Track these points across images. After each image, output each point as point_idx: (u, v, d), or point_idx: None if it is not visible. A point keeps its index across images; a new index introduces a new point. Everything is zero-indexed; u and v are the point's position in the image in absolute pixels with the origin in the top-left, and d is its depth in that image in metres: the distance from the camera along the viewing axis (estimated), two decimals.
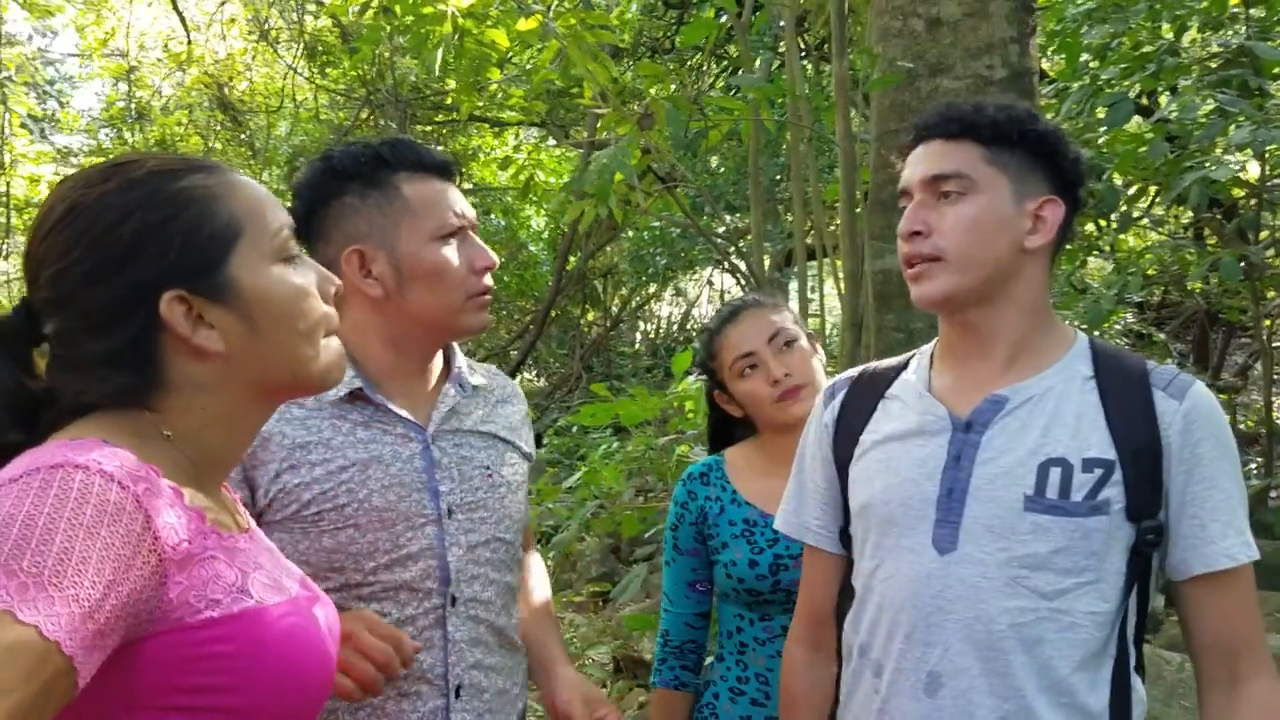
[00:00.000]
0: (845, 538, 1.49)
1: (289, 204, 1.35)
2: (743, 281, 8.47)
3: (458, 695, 1.45)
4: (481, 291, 1.49)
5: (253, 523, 1.10)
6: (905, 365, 1.48)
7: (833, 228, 3.88)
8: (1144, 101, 6.19)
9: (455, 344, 1.61)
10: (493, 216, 12.46)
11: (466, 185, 12.65)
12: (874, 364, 1.54)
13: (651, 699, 2.03)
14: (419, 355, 1.51)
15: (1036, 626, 1.25)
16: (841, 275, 3.51)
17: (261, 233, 1.00)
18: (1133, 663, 1.31)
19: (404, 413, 1.47)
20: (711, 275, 12.21)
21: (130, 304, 0.94)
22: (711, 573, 1.95)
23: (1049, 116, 5.19)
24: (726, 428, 2.07)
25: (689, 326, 11.49)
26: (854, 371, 1.53)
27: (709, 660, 2.03)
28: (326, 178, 1.46)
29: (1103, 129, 4.84)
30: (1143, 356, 1.37)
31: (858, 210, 3.21)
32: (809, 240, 4.80)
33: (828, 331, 4.46)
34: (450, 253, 1.45)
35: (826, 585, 1.51)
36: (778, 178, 6.42)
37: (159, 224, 0.95)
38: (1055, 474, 1.26)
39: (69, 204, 0.96)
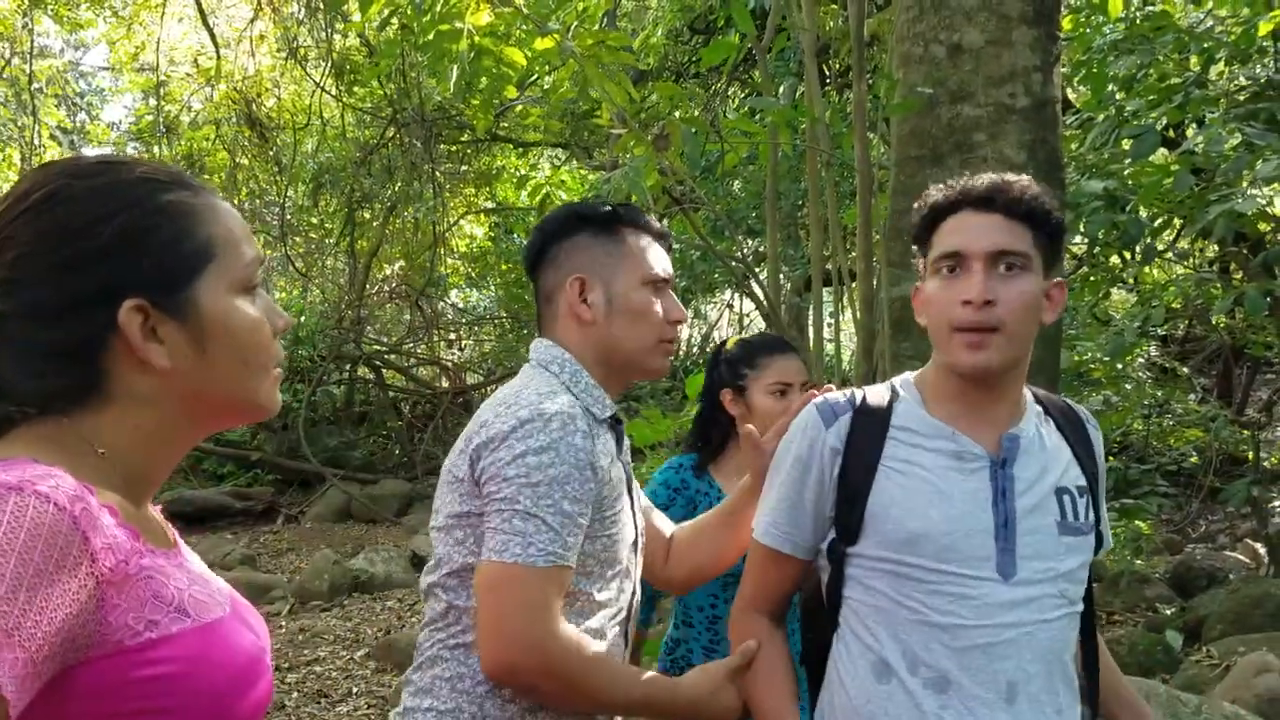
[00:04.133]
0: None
1: (529, 236, 1.67)
2: (763, 305, 8.46)
3: None
4: (670, 339, 1.74)
5: (179, 539, 1.07)
6: (892, 396, 1.59)
7: (853, 254, 3.86)
8: (1170, 134, 6.14)
9: None
10: (515, 235, 12.52)
11: (489, 204, 12.72)
12: (853, 392, 1.63)
13: None
14: (616, 387, 1.73)
15: (1069, 630, 1.52)
16: (858, 301, 3.48)
17: (232, 261, 0.99)
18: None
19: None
20: (731, 298, 12.20)
21: (91, 302, 0.92)
22: None
23: (1073, 147, 5.18)
24: (711, 426, 2.45)
25: (708, 349, 11.46)
26: (841, 397, 1.62)
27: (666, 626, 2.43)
28: (570, 218, 1.73)
29: (1128, 161, 4.81)
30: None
31: (875, 236, 3.17)
32: (828, 265, 4.78)
33: (844, 358, 4.43)
34: (654, 298, 1.70)
35: (794, 581, 1.67)
36: (799, 203, 6.40)
37: (142, 231, 0.94)
38: (1066, 500, 1.53)
39: (49, 190, 0.94)
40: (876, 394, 1.60)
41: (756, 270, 5.23)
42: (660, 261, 1.74)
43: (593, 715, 1.59)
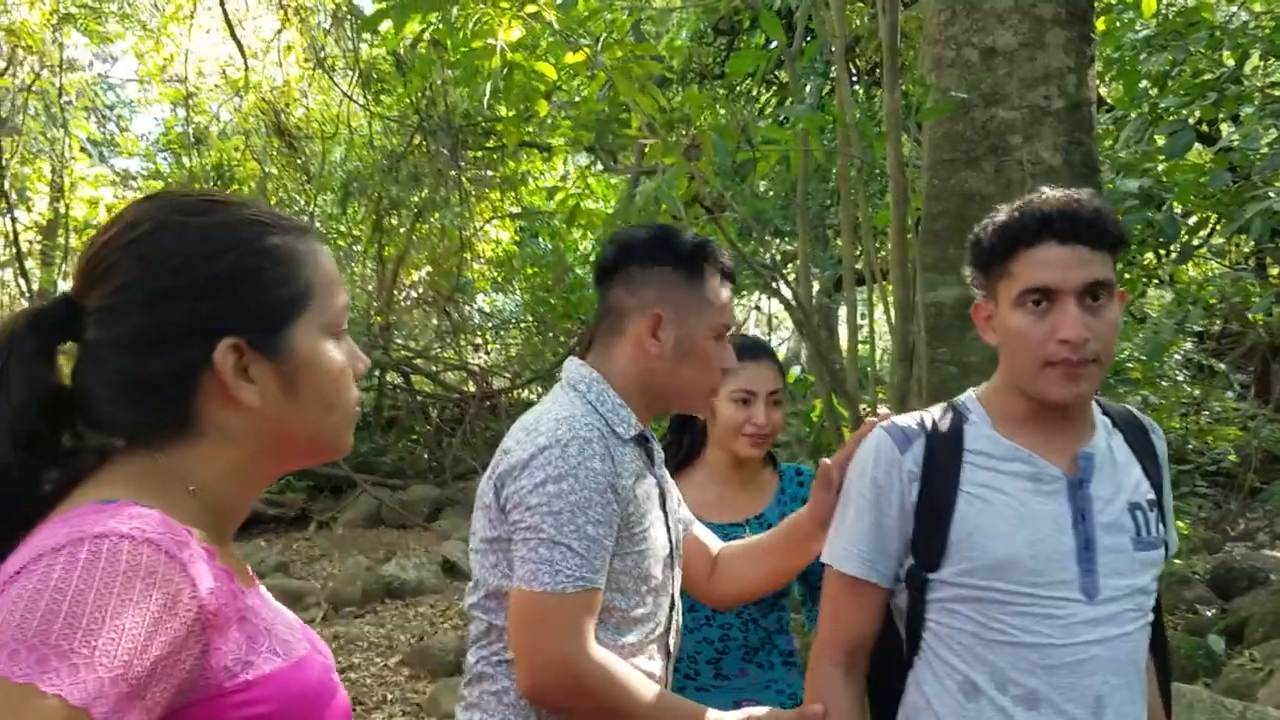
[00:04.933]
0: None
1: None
2: (790, 307, 8.42)
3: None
4: (718, 388, 1.83)
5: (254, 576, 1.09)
6: (958, 418, 1.60)
7: (883, 253, 3.82)
8: (1204, 129, 6.06)
9: None
10: (540, 240, 12.53)
11: (514, 209, 12.74)
12: (920, 416, 1.63)
13: None
14: (653, 410, 1.76)
15: (1144, 640, 1.56)
16: (892, 304, 3.46)
17: (327, 306, 1.02)
18: None
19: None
20: (759, 301, 12.17)
21: (187, 337, 0.93)
22: None
23: (1107, 145, 5.12)
24: (681, 431, 2.43)
25: None
26: (912, 421, 1.62)
27: None
28: (657, 244, 1.73)
29: (1162, 158, 4.75)
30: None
31: (909, 239, 3.15)
32: (858, 267, 4.75)
33: (877, 358, 4.40)
34: (720, 349, 1.73)
35: (873, 618, 1.62)
36: (827, 203, 6.36)
37: (246, 271, 0.96)
38: (1139, 516, 1.55)
39: (158, 222, 0.95)
40: (942, 417, 1.61)
41: (784, 272, 5.19)
42: (731, 311, 1.78)
43: None
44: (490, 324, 14.32)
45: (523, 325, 13.77)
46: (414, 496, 10.48)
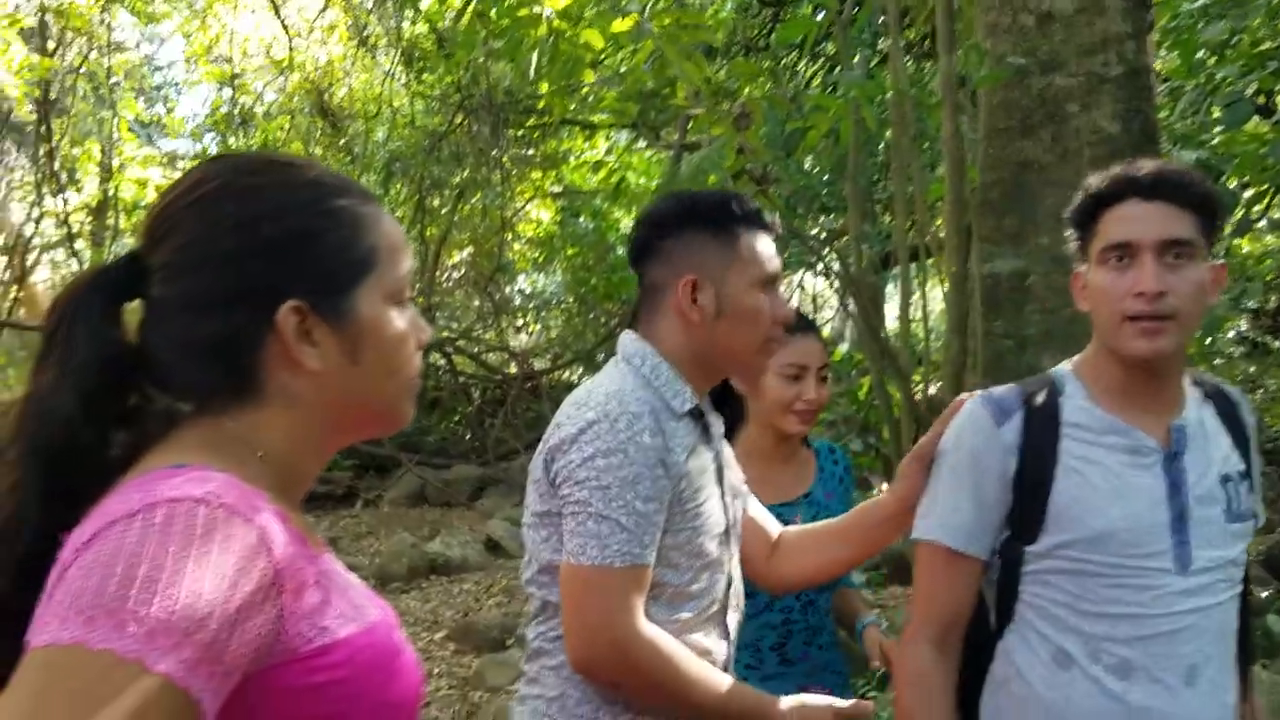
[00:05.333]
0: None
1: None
2: (835, 285, 8.31)
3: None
4: (776, 339, 1.71)
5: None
6: (1055, 392, 1.60)
7: (936, 225, 3.75)
8: (1263, 101, 5.90)
9: None
10: (581, 219, 12.51)
11: (556, 188, 12.73)
12: (1014, 389, 1.63)
13: None
14: (711, 381, 1.73)
15: (1234, 610, 1.58)
16: (942, 279, 3.39)
17: (391, 272, 1.00)
18: None
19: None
20: (803, 279, 12.06)
21: (250, 298, 0.93)
22: None
23: (1162, 116, 5.00)
24: (722, 408, 2.31)
25: None
26: (1008, 394, 1.62)
27: None
28: (683, 211, 1.68)
29: (1219, 130, 4.64)
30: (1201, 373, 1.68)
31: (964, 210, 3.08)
32: (910, 240, 4.68)
33: (926, 336, 4.34)
34: (765, 301, 1.66)
35: (971, 593, 1.63)
36: (875, 178, 6.27)
37: (310, 234, 0.95)
38: (1230, 488, 1.56)
39: (223, 183, 0.95)
40: (1038, 389, 1.61)
41: (832, 249, 5.13)
42: (772, 259, 1.71)
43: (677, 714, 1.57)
44: (531, 305, 14.35)
45: (564, 306, 13.78)
46: (457, 476, 10.55)
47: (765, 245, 1.69)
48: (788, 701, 1.60)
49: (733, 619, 1.71)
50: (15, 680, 0.73)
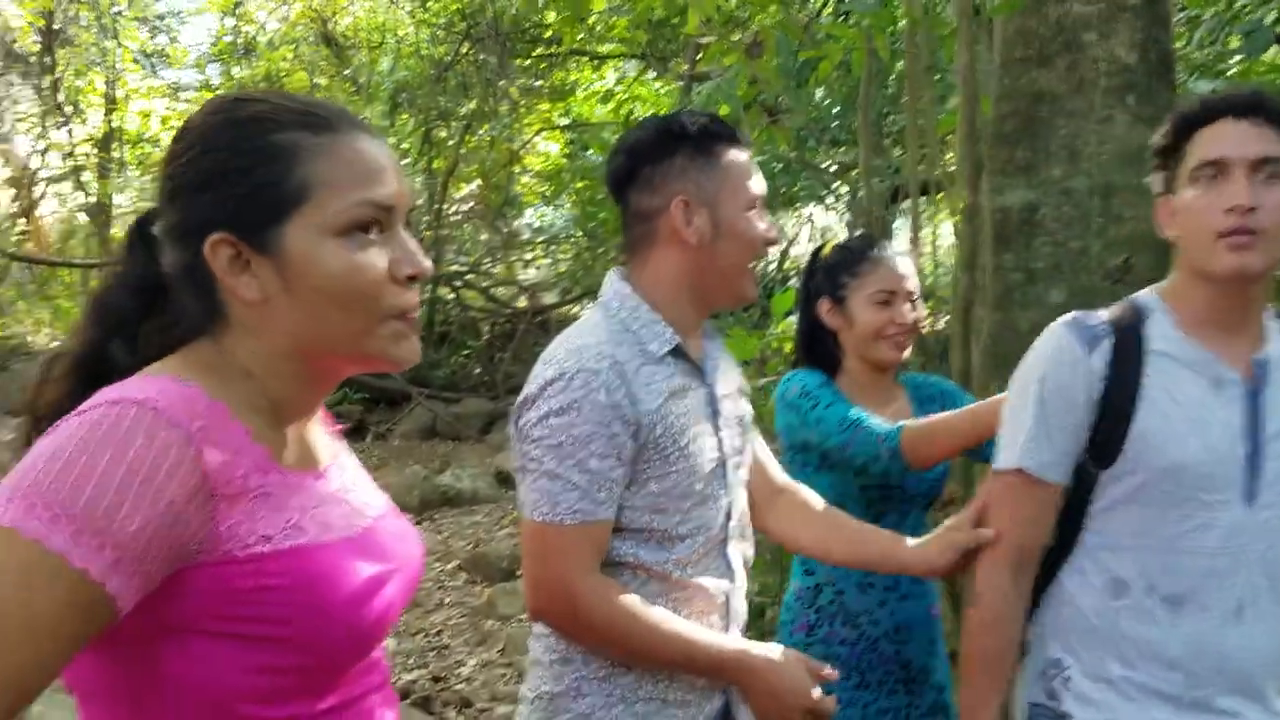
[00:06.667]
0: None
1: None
2: (844, 218, 8.24)
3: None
4: (762, 257, 1.72)
5: (339, 460, 1.12)
6: (1141, 319, 1.59)
7: (948, 157, 3.71)
8: None
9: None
10: (590, 152, 12.37)
11: (564, 120, 12.59)
12: (1102, 314, 1.63)
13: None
14: (705, 311, 1.70)
15: None
16: (953, 213, 3.37)
17: (328, 203, 0.99)
18: None
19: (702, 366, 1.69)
20: (812, 213, 11.98)
21: (191, 232, 0.98)
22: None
23: (1179, 45, 4.91)
24: (814, 345, 2.26)
25: (786, 266, 11.28)
26: (1096, 320, 1.61)
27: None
28: (666, 137, 1.65)
29: (1237, 59, 4.56)
30: None
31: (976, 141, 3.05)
32: (920, 173, 4.62)
33: (934, 270, 4.32)
34: (756, 221, 1.65)
35: (1050, 518, 1.63)
36: (884, 110, 6.19)
37: (236, 171, 0.98)
38: None
39: (191, 122, 1.02)
40: (1124, 315, 1.61)
41: (843, 181, 5.08)
42: (759, 179, 1.69)
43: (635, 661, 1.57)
44: (540, 239, 14.28)
45: (573, 240, 13.71)
46: (467, 410, 10.62)
47: (750, 166, 1.68)
48: (781, 652, 1.61)
49: (735, 551, 1.70)
50: None
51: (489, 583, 5.83)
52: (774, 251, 13.56)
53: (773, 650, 1.61)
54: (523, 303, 12.72)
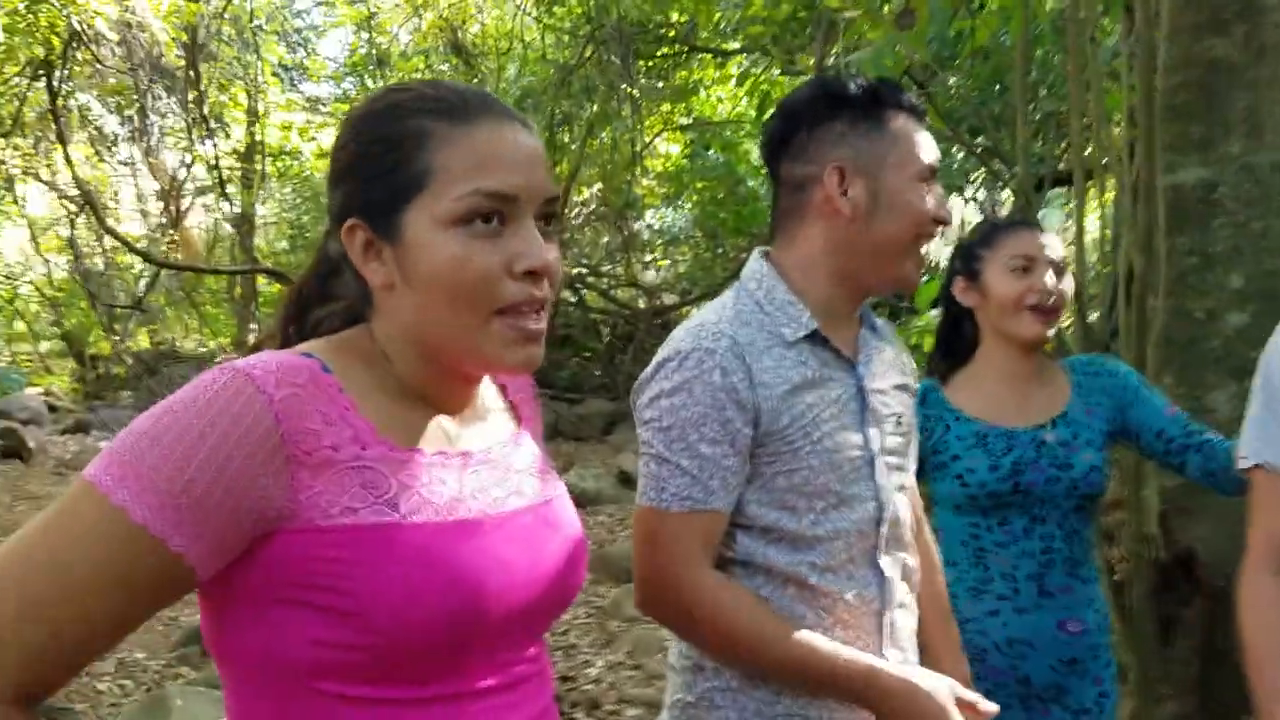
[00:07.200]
0: None
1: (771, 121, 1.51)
2: (992, 204, 7.93)
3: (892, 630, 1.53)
4: (930, 236, 1.51)
5: (503, 446, 1.08)
6: None
7: (1117, 133, 3.47)
8: None
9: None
10: (711, 152, 12.30)
11: (685, 119, 12.56)
12: None
13: None
14: (858, 295, 1.54)
15: None
16: (1106, 200, 3.15)
17: (445, 190, 0.96)
18: None
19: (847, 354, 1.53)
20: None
21: (336, 218, 1.01)
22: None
23: None
24: (957, 332, 2.11)
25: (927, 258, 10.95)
26: None
27: None
28: (827, 100, 1.50)
29: None
30: None
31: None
32: (1079, 156, 4.37)
33: (1092, 261, 4.07)
34: (925, 195, 1.48)
35: None
36: (1028, 98, 5.89)
37: (365, 159, 1.00)
38: None
39: (346, 115, 1.08)
40: None
41: (988, 168, 4.84)
42: (932, 148, 1.52)
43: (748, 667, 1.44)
44: (660, 240, 14.29)
45: (693, 241, 13.67)
46: (589, 410, 10.68)
47: (922, 135, 1.51)
48: (933, 680, 1.41)
49: (891, 562, 1.51)
50: None
51: (615, 583, 5.80)
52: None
53: (918, 674, 1.42)
54: (643, 304, 12.73)
